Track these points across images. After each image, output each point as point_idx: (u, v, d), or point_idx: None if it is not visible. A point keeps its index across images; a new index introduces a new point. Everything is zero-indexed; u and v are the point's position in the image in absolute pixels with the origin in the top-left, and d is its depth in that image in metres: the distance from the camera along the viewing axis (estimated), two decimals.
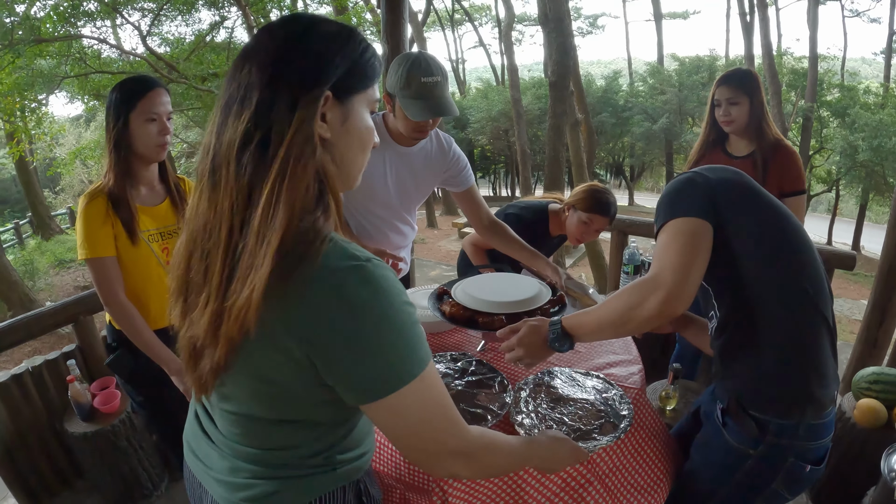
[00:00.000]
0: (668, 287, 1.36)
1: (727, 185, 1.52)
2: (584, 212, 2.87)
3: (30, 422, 3.02)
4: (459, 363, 1.94)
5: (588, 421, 1.64)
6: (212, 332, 0.93)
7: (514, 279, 2.20)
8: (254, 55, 0.95)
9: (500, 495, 1.56)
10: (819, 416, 1.49)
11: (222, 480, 1.12)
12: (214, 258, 0.93)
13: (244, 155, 0.90)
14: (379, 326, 0.91)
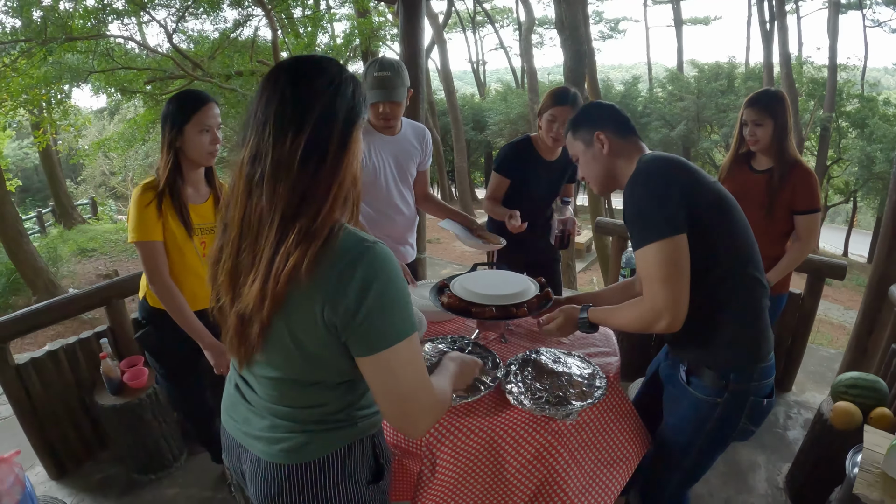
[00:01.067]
0: (672, 317, 1.71)
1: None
2: (546, 112, 3.17)
3: (60, 395, 3.25)
4: (457, 345, 2.23)
5: (566, 390, 1.93)
6: (260, 298, 1.17)
7: (505, 276, 2.46)
8: (300, 87, 1.20)
9: (481, 460, 1.83)
10: (766, 360, 1.86)
11: (262, 437, 1.37)
12: (264, 246, 1.17)
13: (303, 172, 1.16)
14: (382, 295, 1.17)
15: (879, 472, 2.13)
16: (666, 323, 1.71)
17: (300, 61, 1.26)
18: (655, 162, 1.81)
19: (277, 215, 1.17)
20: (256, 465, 1.40)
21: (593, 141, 1.95)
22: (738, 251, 1.81)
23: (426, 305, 2.49)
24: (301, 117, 1.17)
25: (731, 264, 1.80)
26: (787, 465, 3.27)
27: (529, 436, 1.84)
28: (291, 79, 1.21)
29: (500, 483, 1.86)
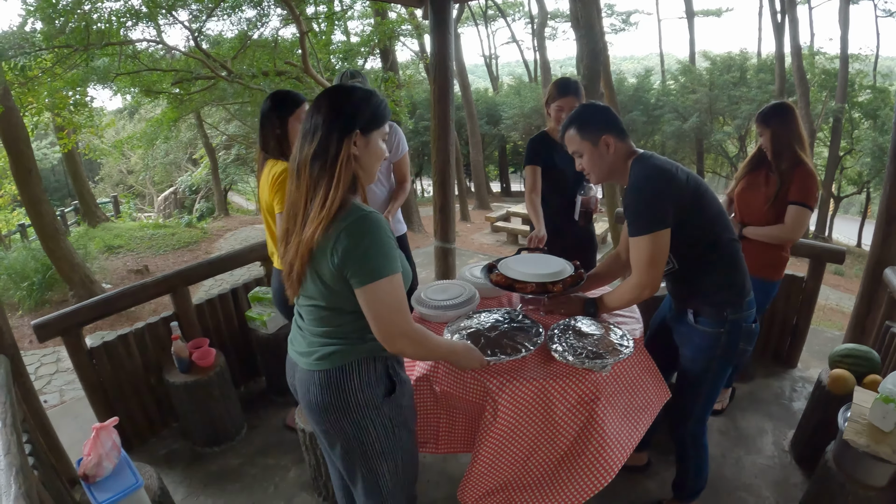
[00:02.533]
0: (652, 290, 2.38)
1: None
2: (553, 102, 3.65)
3: (129, 376, 3.58)
4: (509, 315, 2.67)
5: (601, 347, 2.35)
6: (296, 253, 1.79)
7: (545, 259, 2.93)
8: (319, 109, 1.77)
9: (534, 405, 2.26)
10: (749, 294, 2.46)
11: (303, 352, 1.97)
12: (299, 212, 1.79)
13: (315, 162, 1.75)
14: (371, 246, 1.73)
15: (866, 422, 2.46)
16: (648, 293, 2.37)
17: (326, 91, 1.84)
18: (646, 170, 2.31)
19: (304, 197, 1.78)
20: (301, 376, 1.97)
21: (600, 143, 2.38)
22: (714, 223, 2.37)
23: (479, 282, 2.99)
24: (313, 133, 1.76)
25: (712, 233, 2.37)
26: (791, 430, 3.58)
27: (574, 383, 2.26)
28: (315, 104, 1.80)
29: (550, 424, 2.27)
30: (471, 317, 2.67)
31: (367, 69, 14.17)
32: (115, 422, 2.60)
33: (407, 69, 23.30)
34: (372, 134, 1.85)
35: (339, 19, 11.67)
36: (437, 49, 4.88)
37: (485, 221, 16.17)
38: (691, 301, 2.53)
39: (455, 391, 2.42)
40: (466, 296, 2.81)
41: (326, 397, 1.89)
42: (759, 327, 2.56)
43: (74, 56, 8.95)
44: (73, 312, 3.32)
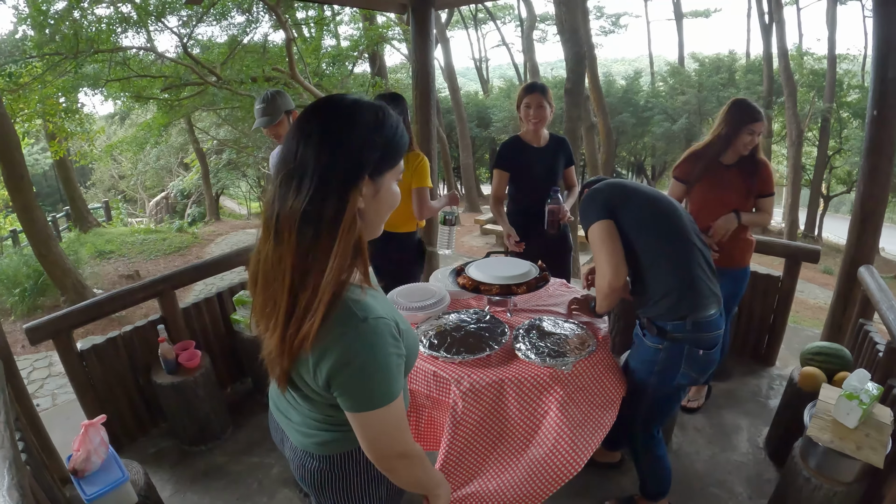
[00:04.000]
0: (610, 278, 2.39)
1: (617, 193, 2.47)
2: (521, 102, 3.86)
3: (118, 377, 3.66)
4: (476, 315, 2.79)
5: (563, 346, 2.47)
6: (279, 351, 1.33)
7: (511, 262, 3.04)
8: (308, 137, 1.27)
9: (494, 401, 2.37)
10: (698, 317, 2.37)
11: (298, 429, 1.63)
12: (280, 299, 1.29)
13: (306, 225, 1.23)
14: (362, 372, 1.32)
15: (830, 418, 2.54)
16: (607, 282, 2.38)
17: (317, 108, 1.32)
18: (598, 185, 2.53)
19: (288, 275, 1.27)
20: (294, 450, 1.68)
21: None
22: (664, 223, 2.44)
23: (447, 285, 3.07)
24: (299, 177, 1.25)
25: (662, 236, 2.42)
26: (766, 427, 3.68)
27: (536, 381, 2.36)
28: (301, 129, 1.29)
29: (508, 420, 2.38)
30: (440, 317, 2.81)
31: (356, 73, 14.26)
32: (103, 419, 2.68)
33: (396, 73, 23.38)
34: (385, 176, 1.36)
35: (328, 24, 11.74)
36: (418, 55, 4.99)
37: (474, 224, 16.24)
38: (638, 310, 2.58)
39: (422, 389, 2.52)
40: (437, 297, 2.94)
41: (327, 479, 1.65)
42: (716, 356, 2.50)
43: (65, 63, 9.02)
44: (64, 316, 3.40)
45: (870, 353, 3.27)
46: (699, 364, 2.45)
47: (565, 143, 4.05)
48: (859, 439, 2.42)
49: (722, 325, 2.48)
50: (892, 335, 2.80)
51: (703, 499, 3.19)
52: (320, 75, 11.79)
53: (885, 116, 3.53)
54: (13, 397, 2.76)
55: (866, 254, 3.85)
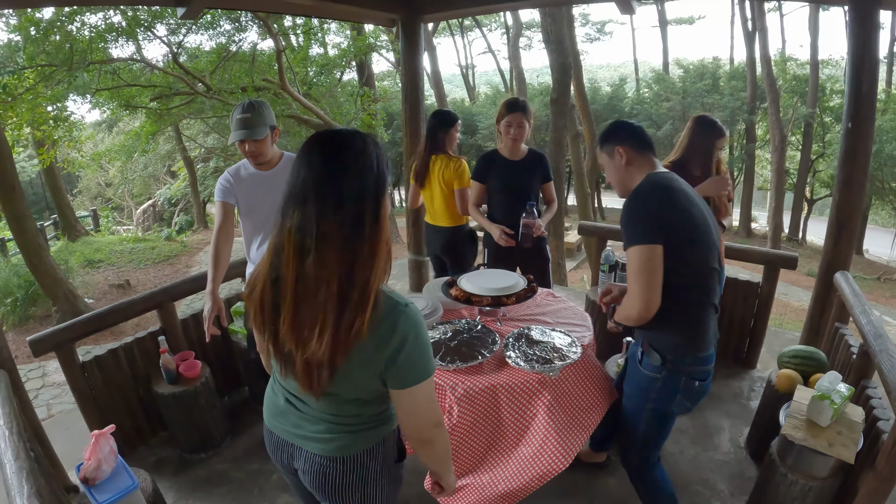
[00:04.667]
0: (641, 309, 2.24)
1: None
2: (503, 119, 4.00)
3: (119, 388, 3.73)
4: (467, 325, 2.92)
5: (550, 353, 2.61)
6: (331, 351, 1.48)
7: (501, 274, 3.21)
8: (337, 165, 1.47)
9: (487, 406, 2.53)
10: (701, 351, 2.37)
11: (318, 438, 1.75)
12: (328, 305, 1.45)
13: (353, 231, 1.44)
14: (413, 348, 1.55)
15: (804, 418, 2.68)
16: (636, 313, 2.24)
17: (328, 137, 1.53)
18: (646, 185, 2.31)
19: (335, 281, 1.44)
20: (312, 460, 1.78)
21: (615, 154, 2.41)
22: (696, 260, 2.28)
23: (440, 296, 3.18)
24: (338, 193, 1.45)
25: (689, 273, 2.28)
26: (747, 428, 3.80)
27: (526, 386, 2.51)
28: (323, 155, 1.49)
29: (501, 423, 2.54)
30: (434, 327, 2.95)
31: (343, 81, 14.33)
32: (112, 429, 2.77)
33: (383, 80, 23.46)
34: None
35: (316, 33, 11.81)
36: (407, 69, 5.10)
37: None
38: (643, 333, 2.49)
39: None
40: (430, 308, 3.07)
41: (349, 480, 1.79)
42: (708, 386, 2.49)
43: (57, 74, 9.06)
44: (67, 328, 3.47)
45: (845, 355, 3.41)
46: (694, 394, 2.46)
47: (544, 160, 4.18)
48: (831, 437, 2.56)
49: (714, 360, 2.48)
50: (864, 338, 2.92)
51: (688, 497, 3.30)
52: (309, 84, 11.85)
53: (859, 129, 3.66)
54: (20, 408, 2.85)
55: (842, 260, 3.97)
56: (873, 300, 14.62)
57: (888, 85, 22.78)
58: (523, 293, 2.98)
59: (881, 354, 2.59)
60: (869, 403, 2.81)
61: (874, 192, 21.24)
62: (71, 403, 6.68)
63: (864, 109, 3.63)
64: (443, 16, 5.99)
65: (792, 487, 2.65)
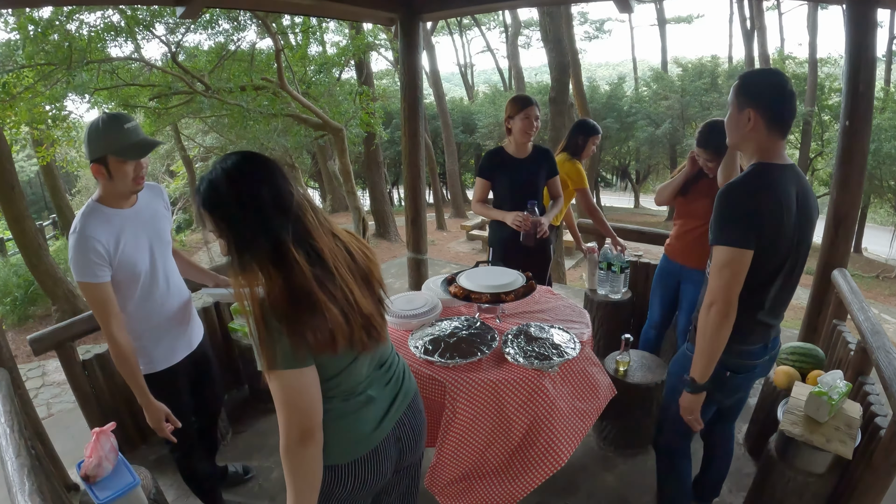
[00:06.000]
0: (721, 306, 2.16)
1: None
2: (516, 116, 3.96)
3: (120, 386, 3.73)
4: (467, 322, 2.95)
5: (549, 350, 2.64)
6: (374, 297, 1.79)
7: (500, 271, 3.21)
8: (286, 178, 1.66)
9: (488, 402, 2.53)
10: (746, 345, 2.33)
11: (407, 376, 2.01)
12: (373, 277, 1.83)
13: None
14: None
15: (802, 414, 2.69)
16: (716, 309, 2.14)
17: (259, 156, 1.69)
18: (746, 176, 2.17)
19: (344, 247, 1.74)
20: (413, 405, 1.99)
21: (743, 113, 2.15)
22: (774, 262, 2.19)
23: (439, 294, 3.21)
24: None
25: (765, 274, 2.20)
26: (746, 424, 3.82)
27: (524, 382, 2.52)
28: (275, 169, 1.66)
29: (503, 418, 2.54)
30: (433, 325, 2.97)
31: (342, 80, 14.33)
32: (113, 426, 2.78)
33: (382, 79, 23.49)
34: None
35: (314, 32, 11.81)
36: (406, 69, 5.11)
37: (460, 230, 16.38)
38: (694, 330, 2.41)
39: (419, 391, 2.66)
40: (430, 306, 3.09)
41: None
42: (742, 383, 2.48)
43: (56, 73, 9.06)
44: (67, 326, 3.48)
45: (843, 352, 3.41)
46: (725, 386, 2.43)
47: (549, 154, 4.16)
48: (829, 433, 2.57)
49: (761, 356, 2.41)
50: (862, 335, 2.94)
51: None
52: (307, 83, 11.86)
53: (856, 128, 3.67)
54: (21, 406, 2.86)
55: (840, 258, 3.98)
56: (872, 298, 14.64)
57: (887, 83, 22.81)
58: (522, 290, 2.99)
59: (878, 351, 2.60)
60: (867, 400, 2.82)
61: (873, 191, 21.24)
62: (70, 403, 6.71)
63: (860, 108, 3.64)
64: (441, 15, 6.00)
65: (790, 483, 2.66)
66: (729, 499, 3.27)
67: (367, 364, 1.80)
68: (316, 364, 1.61)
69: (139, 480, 2.66)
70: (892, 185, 20.62)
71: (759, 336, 2.36)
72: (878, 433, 2.51)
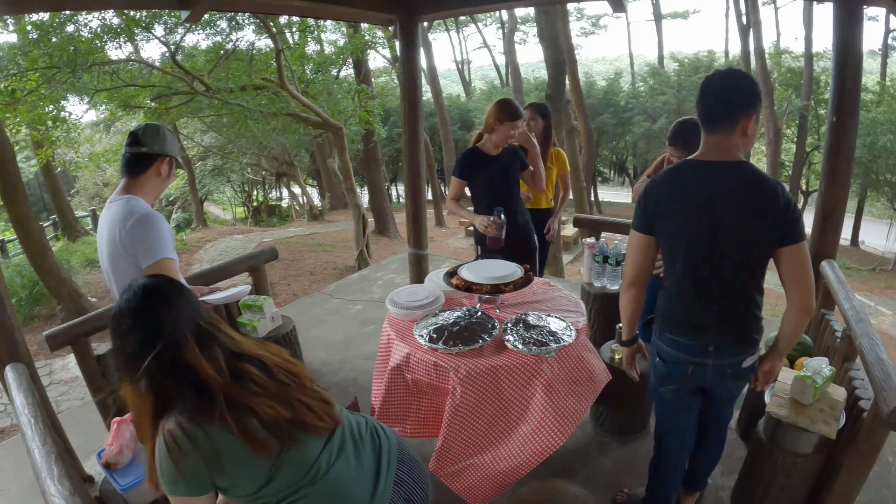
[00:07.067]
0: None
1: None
2: (503, 123, 4.00)
3: None
4: (468, 312, 3.07)
5: (546, 337, 2.77)
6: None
7: (499, 264, 3.37)
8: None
9: (488, 386, 2.68)
10: (669, 331, 2.45)
11: (394, 441, 1.96)
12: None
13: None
14: None
15: (788, 397, 2.81)
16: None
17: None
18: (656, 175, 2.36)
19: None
20: (410, 460, 1.95)
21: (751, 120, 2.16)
22: (667, 249, 2.40)
23: (441, 286, 3.34)
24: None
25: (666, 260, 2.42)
26: (738, 411, 3.93)
27: (524, 367, 2.67)
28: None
29: (502, 401, 2.70)
30: (437, 315, 3.10)
31: (340, 79, 14.40)
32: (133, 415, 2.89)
33: (379, 77, 23.55)
34: None
35: (312, 31, 11.88)
36: (406, 67, 5.21)
37: (459, 226, 16.49)
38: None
39: (423, 378, 2.80)
40: (433, 297, 3.23)
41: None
42: (664, 369, 2.53)
43: (59, 75, 9.14)
44: (83, 322, 3.56)
45: (830, 339, 3.53)
46: (656, 372, 2.60)
47: (517, 150, 4.35)
48: (814, 415, 2.69)
49: (691, 353, 2.42)
50: (847, 323, 3.05)
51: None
52: (306, 82, 11.92)
53: (843, 123, 3.76)
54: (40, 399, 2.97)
55: (828, 249, 4.07)
56: (868, 291, 14.76)
57: (883, 77, 22.90)
58: (520, 281, 3.14)
59: (862, 337, 2.71)
60: (851, 384, 2.94)
61: (869, 185, 21.38)
62: (78, 400, 6.84)
63: (847, 104, 3.72)
64: (440, 15, 6.10)
65: (778, 464, 2.78)
66: (721, 481, 3.38)
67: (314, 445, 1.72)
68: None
69: None
70: (888, 178, 20.71)
71: (680, 327, 2.42)
72: (862, 415, 2.62)
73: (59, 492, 1.94)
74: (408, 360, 2.87)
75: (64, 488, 1.96)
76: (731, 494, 3.26)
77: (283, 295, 10.76)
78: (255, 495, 1.63)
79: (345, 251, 14.60)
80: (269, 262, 4.78)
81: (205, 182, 25.40)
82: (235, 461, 1.56)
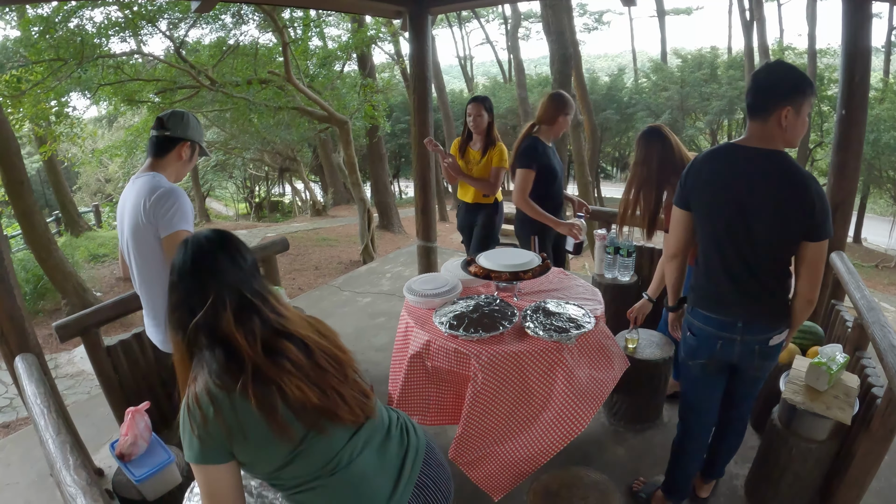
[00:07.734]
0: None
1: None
2: (563, 115, 4.23)
3: (143, 372, 3.85)
4: (486, 299, 3.11)
5: (566, 323, 2.80)
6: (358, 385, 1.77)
7: (516, 252, 3.40)
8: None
9: (511, 372, 2.71)
10: (701, 304, 2.56)
11: (423, 442, 1.93)
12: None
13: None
14: None
15: (803, 383, 2.83)
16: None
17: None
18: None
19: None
20: (436, 464, 1.92)
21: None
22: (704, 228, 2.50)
23: (459, 274, 3.40)
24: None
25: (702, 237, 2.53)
26: None
27: (545, 353, 2.69)
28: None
29: (525, 388, 2.72)
30: (455, 302, 3.12)
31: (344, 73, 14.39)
32: (147, 405, 2.90)
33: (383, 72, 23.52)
34: None
35: (316, 26, 11.86)
36: (415, 61, 5.21)
37: None
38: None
39: (444, 365, 2.82)
40: (451, 285, 3.26)
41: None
42: (694, 343, 2.62)
43: (65, 68, 9.13)
44: (94, 312, 3.57)
45: (840, 329, 3.55)
46: (685, 345, 2.73)
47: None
48: (829, 401, 2.72)
49: (716, 327, 2.52)
50: (859, 313, 3.06)
51: None
52: (311, 77, 11.90)
53: (852, 116, 3.78)
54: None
55: (837, 241, 4.09)
56: (871, 287, 14.59)
57: (886, 74, 22.82)
58: (539, 269, 3.17)
59: (874, 325, 2.72)
60: (864, 372, 2.96)
61: (872, 181, 21.30)
62: (85, 394, 6.85)
63: (856, 98, 3.74)
64: (449, 8, 6.11)
65: (794, 450, 2.80)
66: (734, 469, 3.38)
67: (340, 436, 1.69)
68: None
69: (174, 457, 2.77)
70: (891, 175, 20.67)
71: (710, 303, 2.53)
72: (875, 402, 2.64)
73: (76, 482, 1.92)
74: (427, 347, 2.88)
75: (80, 478, 1.94)
76: (744, 482, 3.28)
77: (288, 289, 10.77)
78: (271, 475, 1.64)
79: (349, 246, 14.61)
80: (280, 253, 4.78)
81: (207, 178, 25.38)
82: (257, 437, 1.56)
